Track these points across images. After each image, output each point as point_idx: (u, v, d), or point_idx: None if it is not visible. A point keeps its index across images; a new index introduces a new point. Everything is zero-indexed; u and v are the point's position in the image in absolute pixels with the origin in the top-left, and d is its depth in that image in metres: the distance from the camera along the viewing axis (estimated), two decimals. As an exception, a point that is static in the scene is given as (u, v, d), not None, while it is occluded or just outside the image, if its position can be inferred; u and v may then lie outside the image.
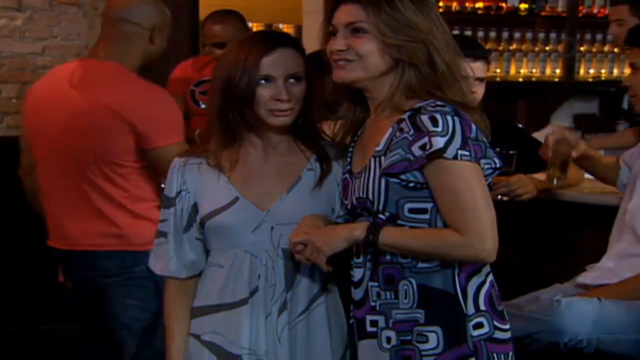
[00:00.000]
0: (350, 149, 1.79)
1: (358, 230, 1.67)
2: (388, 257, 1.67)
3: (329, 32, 1.71)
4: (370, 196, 1.66)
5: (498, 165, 1.66)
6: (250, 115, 1.78)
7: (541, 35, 4.68)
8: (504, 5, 4.58)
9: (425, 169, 1.61)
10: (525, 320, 2.18)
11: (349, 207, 1.74)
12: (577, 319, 2.13)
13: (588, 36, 4.78)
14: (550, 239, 2.88)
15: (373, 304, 1.69)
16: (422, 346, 1.64)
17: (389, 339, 1.68)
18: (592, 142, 3.16)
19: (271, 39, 1.82)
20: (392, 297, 1.67)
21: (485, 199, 1.61)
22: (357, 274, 1.73)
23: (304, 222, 1.75)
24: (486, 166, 1.64)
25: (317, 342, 1.82)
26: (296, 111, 1.79)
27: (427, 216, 1.64)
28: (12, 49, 3.89)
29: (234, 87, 1.77)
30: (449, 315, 1.64)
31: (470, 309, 1.65)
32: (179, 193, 1.84)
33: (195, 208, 1.84)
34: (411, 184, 1.63)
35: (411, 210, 1.64)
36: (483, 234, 1.59)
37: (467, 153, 1.59)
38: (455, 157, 1.58)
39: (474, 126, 1.63)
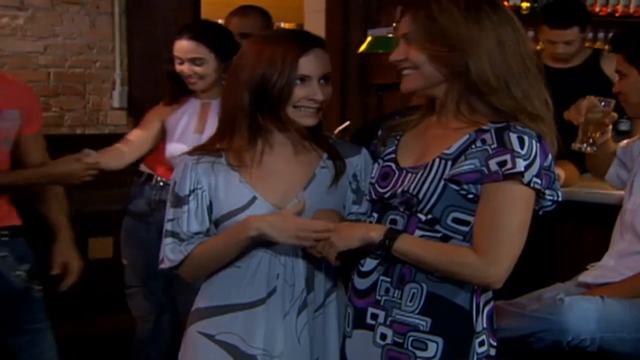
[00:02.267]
0: (397, 139, 1.79)
1: (375, 232, 1.66)
2: None
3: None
4: (421, 195, 1.65)
5: (559, 199, 1.65)
6: (283, 115, 1.78)
7: (543, 34, 4.67)
8: (505, 3, 4.57)
9: (491, 184, 1.59)
10: (528, 319, 2.18)
11: (386, 195, 1.72)
12: (581, 317, 2.13)
13: (590, 34, 4.77)
14: (551, 237, 2.88)
15: (379, 297, 1.70)
16: (419, 353, 1.65)
17: (383, 336, 1.68)
18: None
19: (305, 39, 1.81)
20: (398, 296, 1.67)
21: (521, 231, 1.60)
22: (368, 264, 1.73)
23: (317, 216, 1.75)
24: (549, 197, 1.63)
25: (331, 336, 1.82)
26: (321, 111, 1.82)
27: (466, 228, 1.64)
28: (13, 47, 3.90)
29: (270, 87, 1.76)
30: (457, 330, 1.64)
31: (479, 327, 1.66)
32: (192, 191, 1.82)
33: (210, 208, 1.82)
34: (470, 195, 1.62)
35: (455, 220, 1.64)
36: (502, 261, 1.59)
37: (540, 181, 1.59)
38: (529, 183, 1.58)
39: (549, 156, 1.62)
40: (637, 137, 2.63)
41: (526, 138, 1.59)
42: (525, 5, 4.65)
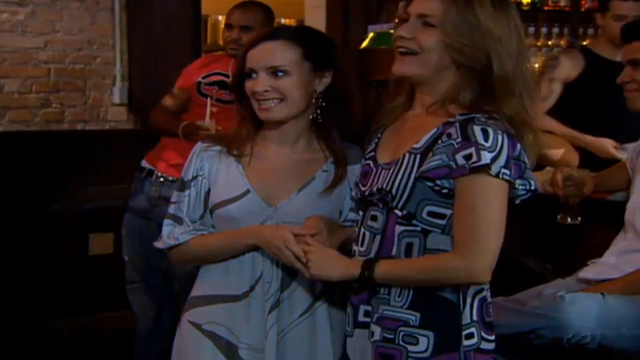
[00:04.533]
0: (378, 136, 1.77)
1: (353, 267, 1.66)
2: (394, 252, 1.66)
3: (402, 18, 1.69)
4: (394, 191, 1.64)
5: (533, 188, 1.64)
6: (242, 108, 1.82)
7: (544, 30, 4.66)
8: None
9: (461, 178, 1.59)
10: (529, 316, 2.17)
11: (366, 193, 1.71)
12: (581, 314, 2.13)
13: (590, 30, 4.77)
14: (552, 233, 2.88)
15: (369, 294, 1.69)
16: (410, 347, 1.64)
17: (372, 333, 1.68)
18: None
19: (263, 33, 1.83)
20: (385, 292, 1.66)
21: (498, 224, 1.59)
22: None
23: (307, 224, 1.75)
24: (521, 187, 1.62)
25: (320, 342, 1.82)
26: (287, 106, 1.78)
27: (443, 222, 1.63)
28: (14, 43, 3.89)
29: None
30: (447, 323, 1.64)
31: (466, 319, 1.64)
32: (195, 177, 1.85)
33: (208, 195, 1.85)
34: (444, 190, 1.61)
35: (430, 214, 1.63)
36: (484, 257, 1.59)
37: (508, 172, 1.58)
38: (497, 175, 1.57)
39: (518, 145, 1.61)
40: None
41: (490, 130, 1.57)
42: (526, 1, 4.64)
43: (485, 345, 1.67)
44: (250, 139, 1.84)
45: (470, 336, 1.65)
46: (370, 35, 3.92)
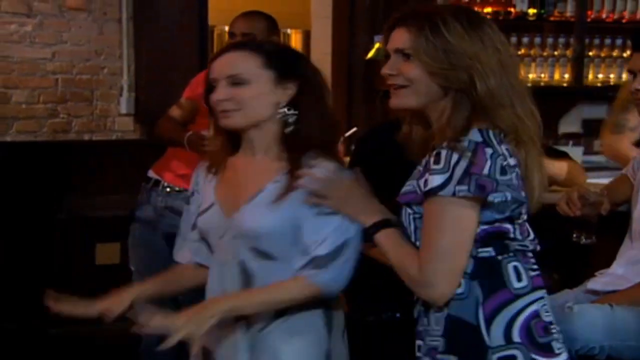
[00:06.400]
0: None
1: (369, 217, 1.68)
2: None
3: (385, 56, 1.71)
4: (404, 225, 1.68)
5: (509, 199, 1.60)
6: (212, 118, 1.83)
7: (550, 40, 4.67)
8: (512, 10, 4.57)
9: (423, 204, 1.61)
10: (537, 327, 2.17)
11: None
12: (590, 326, 2.12)
13: (597, 40, 4.77)
14: (560, 245, 2.87)
15: (420, 328, 1.69)
16: None
17: None
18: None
19: (228, 45, 1.85)
20: (427, 323, 1.67)
21: (454, 248, 1.58)
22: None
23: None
24: (496, 200, 1.59)
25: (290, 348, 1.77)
26: (246, 115, 1.76)
27: None
28: (22, 54, 3.92)
29: None
30: (468, 346, 1.62)
31: (497, 341, 1.61)
32: (192, 193, 1.90)
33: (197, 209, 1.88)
34: (418, 216, 1.63)
35: None
36: (436, 283, 1.59)
37: (465, 187, 1.56)
38: (453, 194, 1.56)
39: (488, 164, 1.57)
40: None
41: (443, 153, 1.58)
42: (532, 11, 4.64)
43: None
44: (225, 150, 1.83)
45: (508, 358, 1.60)
46: (376, 45, 3.93)
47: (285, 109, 1.78)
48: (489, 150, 1.59)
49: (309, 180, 1.73)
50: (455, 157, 1.57)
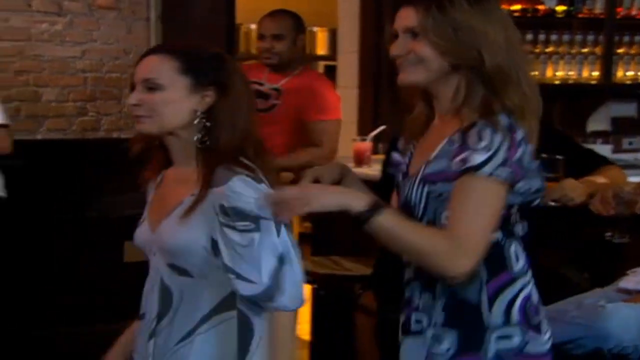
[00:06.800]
0: (412, 149, 1.76)
1: (357, 201, 1.58)
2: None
3: (393, 35, 1.70)
4: (412, 202, 1.65)
5: (532, 189, 1.62)
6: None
7: (578, 37, 4.63)
8: (540, 7, 4.54)
9: (456, 180, 1.59)
10: (568, 326, 2.16)
11: (401, 209, 1.71)
12: (623, 324, 2.11)
13: (626, 38, 4.73)
14: (591, 243, 2.85)
15: (417, 303, 1.69)
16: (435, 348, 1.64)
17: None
18: None
19: (150, 48, 1.78)
20: (431, 298, 1.67)
21: (486, 223, 1.57)
22: (407, 273, 1.72)
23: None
24: (522, 189, 1.60)
25: None
26: (157, 122, 1.68)
27: None
28: (52, 53, 3.96)
29: None
30: (467, 323, 1.62)
31: (497, 320, 1.62)
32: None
33: None
34: (445, 195, 1.61)
35: (447, 218, 1.62)
36: (467, 254, 1.55)
37: (504, 174, 1.56)
38: (490, 175, 1.56)
39: (520, 150, 1.58)
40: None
41: (488, 131, 1.57)
42: (560, 9, 4.61)
43: (533, 348, 1.64)
44: (159, 161, 1.78)
45: (506, 337, 1.61)
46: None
47: (201, 118, 1.68)
48: (518, 135, 1.60)
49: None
50: (498, 137, 1.57)
